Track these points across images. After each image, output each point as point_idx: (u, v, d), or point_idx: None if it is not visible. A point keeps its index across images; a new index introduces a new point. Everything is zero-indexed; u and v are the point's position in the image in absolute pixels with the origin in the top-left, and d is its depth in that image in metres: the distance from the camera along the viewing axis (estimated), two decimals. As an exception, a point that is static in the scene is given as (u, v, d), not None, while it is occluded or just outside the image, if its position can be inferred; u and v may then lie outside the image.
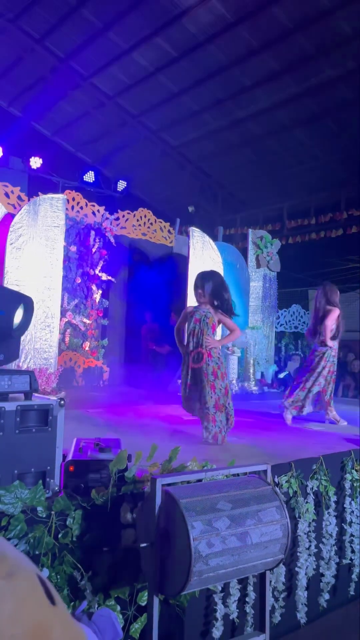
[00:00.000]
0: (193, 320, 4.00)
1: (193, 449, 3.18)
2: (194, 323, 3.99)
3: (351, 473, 3.33)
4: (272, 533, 2.15)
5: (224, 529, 2.03)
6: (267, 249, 8.88)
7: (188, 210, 12.18)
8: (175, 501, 1.99)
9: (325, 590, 3.04)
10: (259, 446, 3.59)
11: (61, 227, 6.34)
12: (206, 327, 3.98)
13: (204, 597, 2.49)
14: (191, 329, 3.99)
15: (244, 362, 7.84)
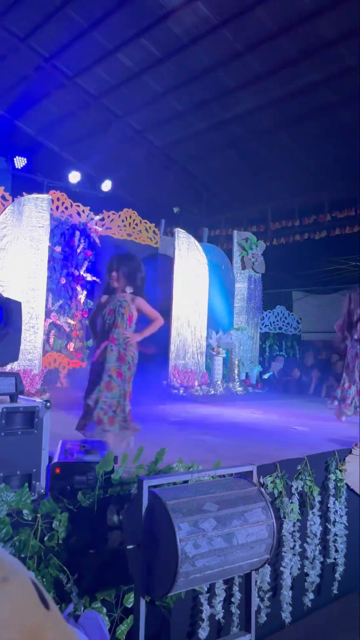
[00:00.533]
0: (107, 311, 3.58)
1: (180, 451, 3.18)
2: (107, 314, 3.58)
3: (335, 473, 3.36)
4: (258, 533, 2.17)
5: (211, 530, 2.04)
6: (252, 250, 8.93)
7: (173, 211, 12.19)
8: (162, 503, 1.99)
9: (309, 590, 3.06)
10: (245, 447, 3.61)
11: (46, 227, 6.30)
12: (121, 318, 3.58)
13: (190, 598, 2.50)
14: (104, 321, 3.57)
15: (229, 362, 7.88)
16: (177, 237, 7.54)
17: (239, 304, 8.81)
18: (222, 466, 2.61)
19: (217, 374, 7.50)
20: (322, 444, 3.75)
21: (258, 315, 9.24)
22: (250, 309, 8.96)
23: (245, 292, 8.90)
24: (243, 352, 8.39)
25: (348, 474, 3.45)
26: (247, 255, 8.92)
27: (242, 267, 8.87)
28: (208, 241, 9.62)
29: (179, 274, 7.43)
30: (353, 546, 3.41)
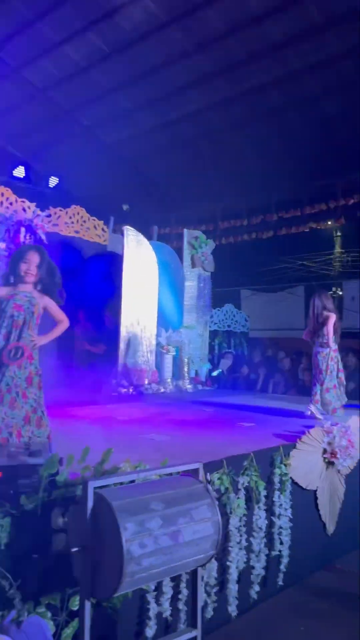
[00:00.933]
0: (12, 306, 3.19)
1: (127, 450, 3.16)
2: (14, 309, 3.18)
3: (280, 468, 3.45)
4: (203, 530, 2.19)
5: (157, 528, 2.05)
6: (201, 249, 8.99)
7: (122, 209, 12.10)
8: (108, 503, 1.98)
9: (255, 582, 3.13)
10: (192, 444, 3.63)
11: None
12: (31, 317, 3.25)
13: (137, 597, 2.49)
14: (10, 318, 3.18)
15: (179, 360, 7.90)
16: (126, 235, 7.48)
17: (189, 302, 8.85)
18: (169, 464, 2.62)
19: (166, 372, 7.50)
20: (268, 439, 3.83)
21: (207, 313, 9.31)
22: (200, 307, 9.02)
23: (194, 291, 8.95)
24: (192, 350, 8.43)
25: (292, 468, 3.54)
26: (197, 254, 8.96)
27: (191, 266, 8.91)
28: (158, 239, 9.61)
29: (128, 272, 7.37)
30: (297, 538, 3.50)
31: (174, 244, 10.32)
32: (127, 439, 3.79)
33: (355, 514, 4.27)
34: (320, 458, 3.80)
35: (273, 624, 3.08)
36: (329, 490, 3.89)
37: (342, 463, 3.88)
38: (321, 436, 3.83)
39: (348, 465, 3.99)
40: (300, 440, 3.69)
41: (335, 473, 3.93)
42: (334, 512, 3.93)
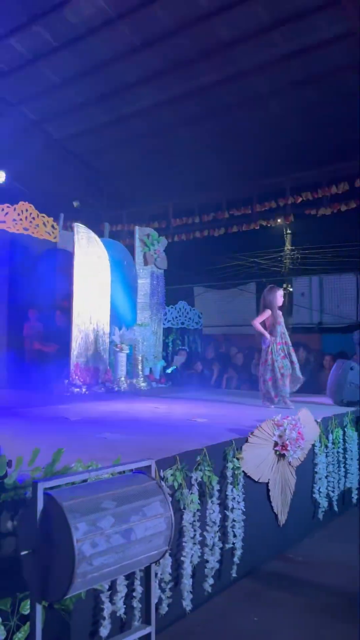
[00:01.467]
0: None
1: (79, 450, 3.13)
2: None
3: (232, 461, 3.49)
4: (156, 527, 2.20)
5: (109, 527, 2.04)
6: (154, 246, 8.98)
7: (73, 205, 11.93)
8: (58, 504, 1.95)
9: (209, 576, 3.16)
10: (146, 442, 3.63)
11: None
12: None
13: (91, 598, 2.47)
14: None
15: (132, 359, 7.88)
16: (77, 232, 7.38)
17: (142, 299, 8.84)
18: (121, 463, 2.60)
19: (120, 370, 7.45)
20: (221, 434, 3.87)
21: (161, 311, 9.33)
22: (153, 304, 9.02)
23: (148, 288, 8.94)
24: (146, 347, 8.42)
25: (244, 462, 3.60)
26: (149, 251, 8.95)
27: (144, 263, 8.89)
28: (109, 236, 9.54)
29: (79, 269, 7.27)
30: (250, 530, 3.57)
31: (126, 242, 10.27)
32: (80, 439, 3.74)
33: (306, 504, 4.40)
34: (271, 451, 3.88)
35: (227, 616, 3.12)
36: (281, 482, 3.98)
37: (293, 455, 3.97)
38: (272, 429, 3.91)
39: (298, 457, 4.09)
40: (252, 434, 3.76)
41: (286, 465, 4.02)
42: (286, 503, 4.03)
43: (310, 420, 4.39)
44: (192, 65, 9.48)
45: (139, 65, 9.65)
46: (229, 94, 9.96)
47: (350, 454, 4.96)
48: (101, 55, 9.54)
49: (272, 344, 5.46)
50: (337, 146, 10.20)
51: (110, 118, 11.01)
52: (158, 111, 10.64)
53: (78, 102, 10.76)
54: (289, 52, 8.87)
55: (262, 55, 9.06)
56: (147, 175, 12.30)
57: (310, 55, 8.81)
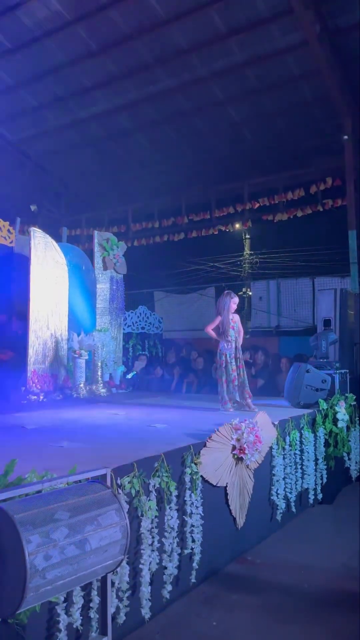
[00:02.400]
0: None
1: (35, 460, 3.07)
2: None
3: (190, 467, 3.50)
4: (111, 536, 2.18)
5: (62, 539, 2.01)
6: (113, 251, 8.93)
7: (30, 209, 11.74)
8: (9, 517, 1.91)
9: (168, 582, 3.15)
10: (104, 450, 3.59)
11: None
12: None
13: (46, 610, 2.42)
14: None
15: (92, 364, 7.80)
16: (33, 237, 7.26)
17: (101, 304, 8.77)
18: (77, 472, 2.57)
19: (79, 377, 7.36)
20: (179, 439, 3.88)
21: (121, 316, 9.28)
22: (113, 309, 8.96)
23: (107, 293, 8.88)
24: (106, 353, 8.35)
25: (202, 466, 3.61)
26: (109, 256, 8.90)
27: (103, 268, 8.83)
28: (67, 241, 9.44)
29: (35, 274, 7.15)
30: (209, 534, 3.58)
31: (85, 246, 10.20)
32: (36, 448, 3.67)
33: (264, 506, 4.45)
34: (229, 454, 3.91)
35: (186, 622, 3.12)
36: (239, 485, 4.02)
37: (251, 458, 4.02)
38: (230, 433, 3.95)
39: (256, 460, 4.14)
40: (210, 439, 3.78)
41: (244, 468, 4.06)
42: (244, 506, 4.06)
43: (268, 423, 4.46)
44: (149, 71, 9.50)
45: (95, 69, 9.60)
46: (186, 100, 10.03)
47: (307, 455, 5.05)
48: (57, 59, 9.44)
49: (223, 349, 5.67)
50: (293, 153, 10.44)
51: (66, 121, 10.90)
52: (115, 115, 10.61)
53: (34, 105, 10.61)
54: (244, 60, 9.01)
55: (219, 62, 9.17)
56: (105, 180, 12.24)
57: (266, 63, 8.98)
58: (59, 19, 8.65)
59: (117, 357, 8.84)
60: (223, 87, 9.67)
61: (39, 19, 8.67)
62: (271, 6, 7.99)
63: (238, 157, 10.89)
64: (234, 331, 5.69)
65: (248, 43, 8.69)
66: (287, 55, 8.79)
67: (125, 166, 11.79)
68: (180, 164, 11.36)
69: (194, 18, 8.37)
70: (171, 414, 5.52)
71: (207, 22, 8.41)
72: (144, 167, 11.69)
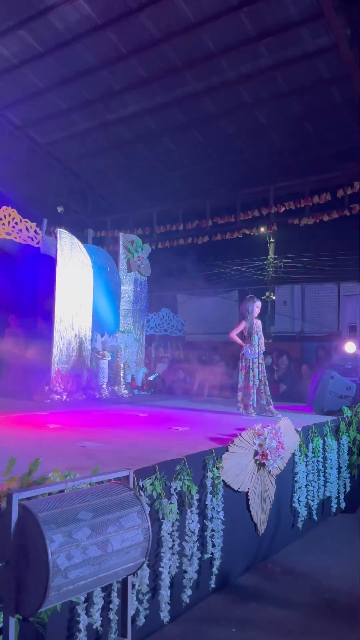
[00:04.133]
0: None
1: (58, 459, 3.10)
2: None
3: (212, 471, 3.48)
4: (133, 538, 2.17)
5: (85, 539, 2.01)
6: (137, 253, 8.98)
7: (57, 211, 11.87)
8: (33, 515, 1.92)
9: (187, 587, 3.14)
10: (126, 451, 3.60)
11: None
12: None
13: (67, 610, 2.43)
14: None
15: (115, 365, 7.84)
16: (60, 238, 7.35)
17: (125, 306, 8.82)
18: (100, 472, 2.58)
19: (102, 377, 7.41)
20: (201, 443, 3.86)
21: (144, 318, 9.31)
22: (137, 311, 9.01)
23: (131, 295, 8.93)
24: (129, 354, 8.39)
25: (224, 471, 3.59)
26: (133, 258, 8.95)
27: (128, 270, 8.88)
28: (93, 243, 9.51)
29: (61, 275, 7.24)
30: (229, 540, 3.56)
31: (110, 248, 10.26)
32: (58, 448, 3.70)
33: (285, 513, 4.40)
34: (251, 460, 3.88)
35: (205, 628, 3.10)
36: (260, 491, 3.98)
37: (273, 464, 3.98)
38: (252, 438, 3.91)
39: (278, 466, 4.10)
40: (232, 443, 3.75)
41: (266, 474, 4.02)
42: (265, 512, 4.03)
43: (291, 429, 4.41)
44: (177, 74, 9.53)
45: (124, 72, 9.67)
46: (214, 104, 10.03)
47: (330, 462, 4.98)
48: (86, 62, 9.54)
49: (248, 353, 5.63)
50: (320, 157, 10.34)
51: (94, 124, 11.00)
52: (142, 119, 10.67)
53: (63, 108, 10.74)
54: (273, 64, 8.97)
55: (247, 65, 9.15)
56: (131, 182, 12.31)
57: (295, 67, 8.92)
58: (90, 22, 8.75)
59: (139, 358, 8.87)
60: (251, 91, 9.65)
61: (70, 22, 8.77)
62: (301, 9, 7.94)
63: (265, 161, 10.84)
64: (257, 336, 5.65)
65: (277, 46, 8.65)
66: (317, 59, 8.73)
67: (152, 169, 11.85)
68: (206, 167, 11.36)
69: (223, 21, 8.36)
70: (193, 417, 5.51)
71: (236, 25, 8.40)
72: (170, 169, 11.72)
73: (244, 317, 5.69)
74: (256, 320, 5.73)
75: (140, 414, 5.67)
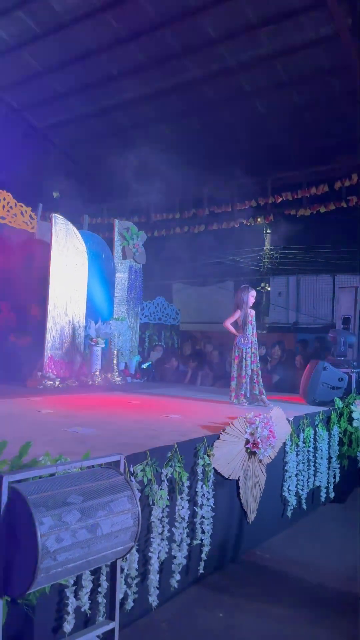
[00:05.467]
0: None
1: (49, 444, 3.10)
2: None
3: (203, 458, 3.50)
4: (122, 522, 2.18)
5: (74, 522, 2.01)
6: (133, 240, 8.93)
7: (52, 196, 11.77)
8: (23, 498, 1.92)
9: (176, 572, 3.16)
10: (117, 437, 3.60)
11: None
12: None
13: (56, 593, 2.44)
14: None
15: (108, 353, 7.83)
16: (55, 223, 7.28)
17: (120, 294, 8.79)
18: (90, 457, 2.58)
19: (95, 364, 7.40)
20: (193, 430, 3.87)
21: (138, 306, 9.29)
22: (131, 299, 8.98)
23: (126, 282, 8.89)
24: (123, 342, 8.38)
25: (215, 459, 3.60)
26: (128, 245, 8.90)
27: (123, 257, 8.83)
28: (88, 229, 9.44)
29: (56, 261, 7.19)
30: (219, 527, 3.58)
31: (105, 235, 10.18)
32: (50, 432, 3.70)
33: (275, 502, 4.43)
34: (242, 448, 3.90)
35: (193, 612, 3.13)
36: (251, 479, 4.00)
37: (264, 453, 3.99)
38: (244, 427, 3.93)
39: (269, 455, 4.12)
40: (224, 431, 3.76)
41: (256, 462, 4.04)
42: (255, 500, 4.05)
43: (282, 418, 4.42)
44: (177, 60, 9.42)
45: (123, 57, 9.56)
46: (213, 91, 9.94)
47: (321, 453, 5.01)
48: (85, 45, 9.42)
49: (241, 343, 5.60)
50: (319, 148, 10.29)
51: (92, 109, 10.89)
52: (141, 104, 10.56)
53: (60, 92, 10.62)
54: (273, 52, 8.89)
55: (248, 53, 9.06)
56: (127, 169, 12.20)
57: (295, 55, 8.84)
58: (89, 5, 8.62)
59: (133, 346, 8.86)
60: (251, 79, 9.56)
61: (69, 4, 8.65)
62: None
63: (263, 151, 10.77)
64: (251, 326, 5.65)
65: (278, 34, 8.57)
66: (318, 48, 8.65)
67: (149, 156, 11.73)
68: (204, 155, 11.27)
69: (224, 8, 8.26)
70: (185, 405, 5.52)
71: (237, 12, 8.30)
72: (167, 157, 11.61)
73: (239, 307, 5.69)
74: (250, 310, 5.72)
75: (132, 401, 5.67)
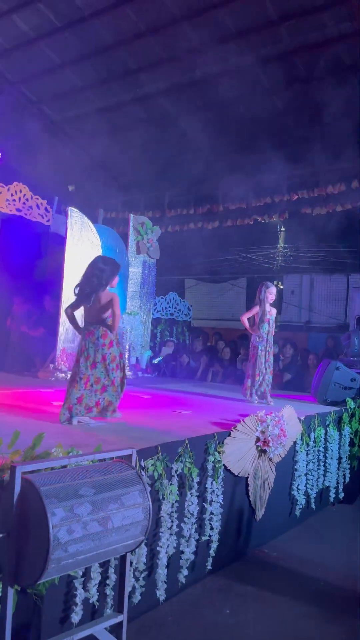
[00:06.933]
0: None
1: (61, 436, 3.11)
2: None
3: (214, 455, 3.50)
4: (133, 516, 2.19)
5: (86, 514, 2.02)
6: (147, 235, 8.93)
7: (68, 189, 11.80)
8: (35, 488, 1.93)
9: (184, 567, 3.17)
10: (128, 431, 3.62)
11: None
12: None
13: (64, 583, 2.46)
14: None
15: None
16: (70, 216, 7.30)
17: (133, 288, 8.79)
18: (102, 450, 2.59)
19: (107, 358, 7.43)
20: (204, 426, 3.87)
21: (151, 301, 9.29)
22: (144, 293, 8.98)
23: (139, 277, 8.90)
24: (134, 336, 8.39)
25: (225, 456, 3.60)
26: (143, 240, 8.90)
27: (137, 252, 8.84)
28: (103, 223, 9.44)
29: (70, 254, 7.20)
30: (227, 523, 3.58)
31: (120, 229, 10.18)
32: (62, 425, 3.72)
33: (284, 500, 4.42)
34: (253, 446, 3.89)
35: (199, 608, 3.14)
36: (260, 477, 3.99)
37: (274, 451, 3.99)
38: (255, 424, 3.92)
39: (279, 453, 4.11)
40: (235, 428, 3.76)
41: (266, 460, 4.03)
42: (264, 498, 4.04)
43: (294, 417, 4.41)
44: (195, 55, 9.36)
45: (142, 51, 9.52)
46: (231, 87, 9.86)
47: (331, 453, 4.99)
48: (104, 39, 9.39)
49: (257, 341, 5.51)
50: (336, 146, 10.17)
51: (109, 103, 10.87)
52: (158, 99, 10.52)
53: (78, 85, 10.61)
54: (293, 48, 8.80)
55: (267, 49, 8.98)
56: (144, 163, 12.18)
57: (315, 52, 8.75)
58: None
59: (144, 341, 8.87)
60: (270, 75, 9.47)
61: (89, -3, 8.63)
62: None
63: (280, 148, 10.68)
64: (268, 325, 5.54)
65: (298, 30, 8.48)
66: (339, 45, 8.54)
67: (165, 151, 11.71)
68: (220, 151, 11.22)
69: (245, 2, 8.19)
70: (196, 401, 5.52)
71: (258, 7, 8.22)
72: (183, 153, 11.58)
73: (259, 302, 5.56)
74: (271, 308, 5.58)
75: (143, 396, 5.68)
